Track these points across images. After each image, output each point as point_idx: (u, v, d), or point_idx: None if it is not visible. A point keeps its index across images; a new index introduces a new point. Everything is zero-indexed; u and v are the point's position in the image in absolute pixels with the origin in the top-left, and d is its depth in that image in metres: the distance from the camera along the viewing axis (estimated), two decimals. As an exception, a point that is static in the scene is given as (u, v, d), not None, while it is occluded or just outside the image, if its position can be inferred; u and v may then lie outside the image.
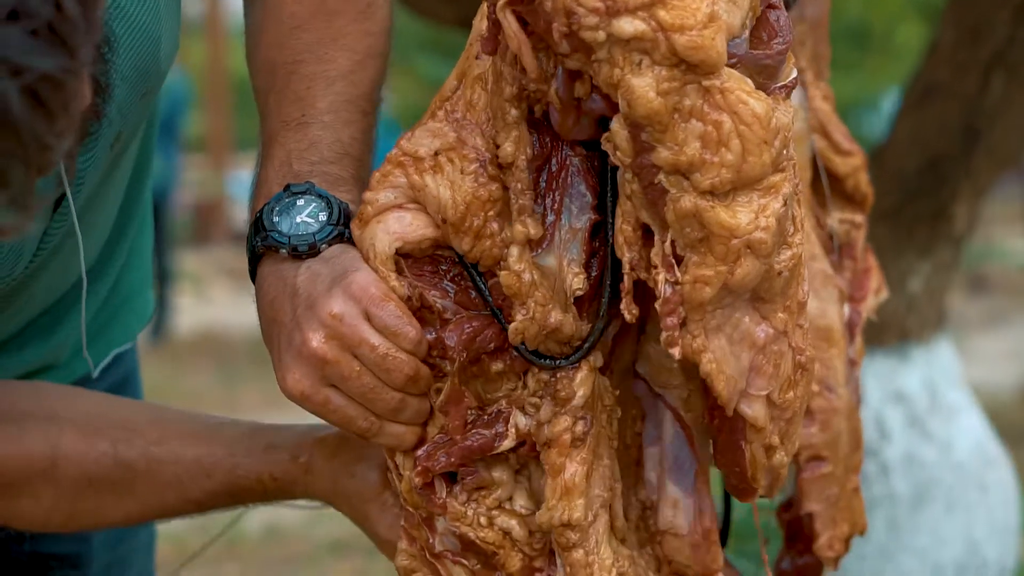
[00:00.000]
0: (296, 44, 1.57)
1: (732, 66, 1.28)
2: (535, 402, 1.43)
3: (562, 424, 1.41)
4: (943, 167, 3.32)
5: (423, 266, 1.42)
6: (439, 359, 1.41)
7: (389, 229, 1.41)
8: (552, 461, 1.41)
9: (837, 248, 1.76)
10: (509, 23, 1.33)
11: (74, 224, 1.56)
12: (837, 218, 1.76)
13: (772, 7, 1.32)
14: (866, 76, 9.37)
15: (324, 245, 1.43)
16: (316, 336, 1.38)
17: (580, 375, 1.41)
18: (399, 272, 1.40)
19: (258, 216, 1.46)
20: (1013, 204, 13.21)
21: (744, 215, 1.28)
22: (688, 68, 1.26)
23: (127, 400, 1.66)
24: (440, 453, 1.41)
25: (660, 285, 1.32)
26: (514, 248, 1.39)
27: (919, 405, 3.34)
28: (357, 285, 1.38)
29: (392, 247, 1.40)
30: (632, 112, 1.27)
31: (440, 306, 1.40)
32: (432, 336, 1.40)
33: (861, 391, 1.76)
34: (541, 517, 1.41)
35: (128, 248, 1.83)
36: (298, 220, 1.44)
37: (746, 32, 1.29)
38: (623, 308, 1.36)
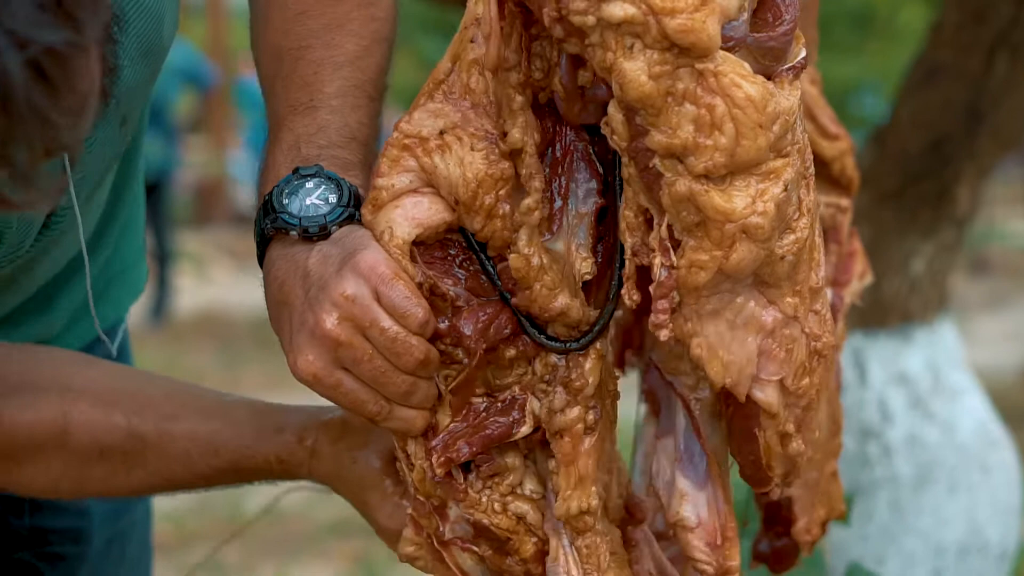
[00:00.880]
0: (302, 30, 1.56)
1: (730, 49, 1.27)
2: (543, 388, 1.43)
3: (575, 414, 1.42)
4: (946, 148, 3.31)
5: (433, 252, 1.41)
6: (452, 347, 1.41)
7: (408, 215, 1.40)
8: (565, 451, 1.42)
9: (822, 232, 1.76)
10: (489, 7, 1.34)
11: (73, 205, 1.55)
12: (823, 202, 1.75)
13: (778, -13, 1.31)
14: (868, 58, 9.36)
15: (335, 227, 1.43)
16: (329, 318, 1.37)
17: (589, 363, 1.42)
18: (412, 260, 1.40)
19: (267, 199, 1.46)
20: (1016, 185, 13.21)
21: (740, 199, 1.28)
22: (680, 51, 1.25)
23: (140, 371, 1.67)
24: (461, 443, 1.41)
25: (656, 269, 1.32)
26: (523, 231, 1.39)
27: (922, 387, 3.34)
28: (366, 263, 1.38)
29: (412, 234, 1.40)
30: (625, 96, 1.27)
31: (452, 293, 1.40)
32: (445, 324, 1.40)
33: (841, 376, 1.75)
34: (559, 508, 1.42)
35: (122, 223, 1.83)
36: (308, 202, 1.44)
37: (745, 15, 1.28)
38: (624, 293, 1.36)
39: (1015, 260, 12.18)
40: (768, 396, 1.35)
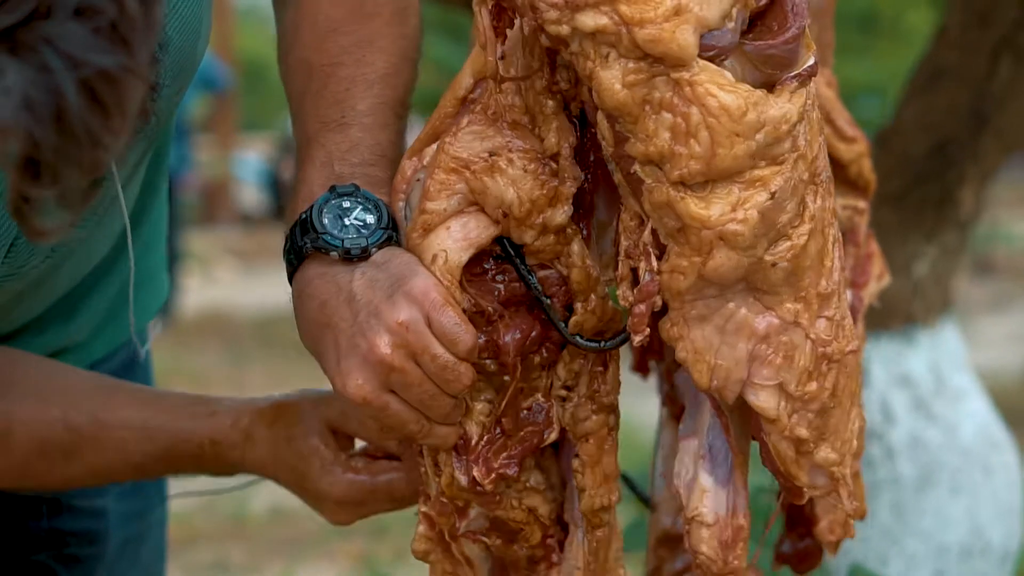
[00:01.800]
0: (333, 47, 1.58)
1: (714, 57, 1.28)
2: (563, 393, 1.48)
3: (600, 420, 1.48)
4: (950, 151, 3.31)
5: (472, 268, 1.44)
6: (486, 360, 1.45)
7: (458, 237, 1.42)
8: (591, 452, 1.48)
9: (840, 237, 1.76)
10: (481, 18, 1.37)
11: (125, 223, 1.57)
12: (840, 204, 1.76)
13: (790, -6, 1.32)
14: (873, 61, 9.35)
15: (375, 249, 1.45)
16: (383, 343, 1.39)
17: (611, 372, 1.48)
18: (460, 285, 1.43)
19: (305, 216, 1.47)
20: (1019, 188, 13.20)
21: (718, 207, 1.29)
22: (655, 60, 1.27)
23: (68, 366, 1.68)
24: (504, 457, 1.46)
25: (641, 273, 1.35)
26: (576, 244, 1.43)
27: (925, 389, 3.34)
28: (419, 290, 1.40)
29: (464, 256, 1.43)
30: (602, 104, 1.30)
31: (491, 309, 1.44)
32: (483, 339, 1.43)
33: (862, 377, 1.76)
34: (584, 504, 1.48)
35: (147, 232, 1.84)
36: (347, 222, 1.46)
37: (731, 23, 1.29)
38: (619, 293, 1.40)
39: (1019, 262, 12.17)
40: (763, 400, 1.37)
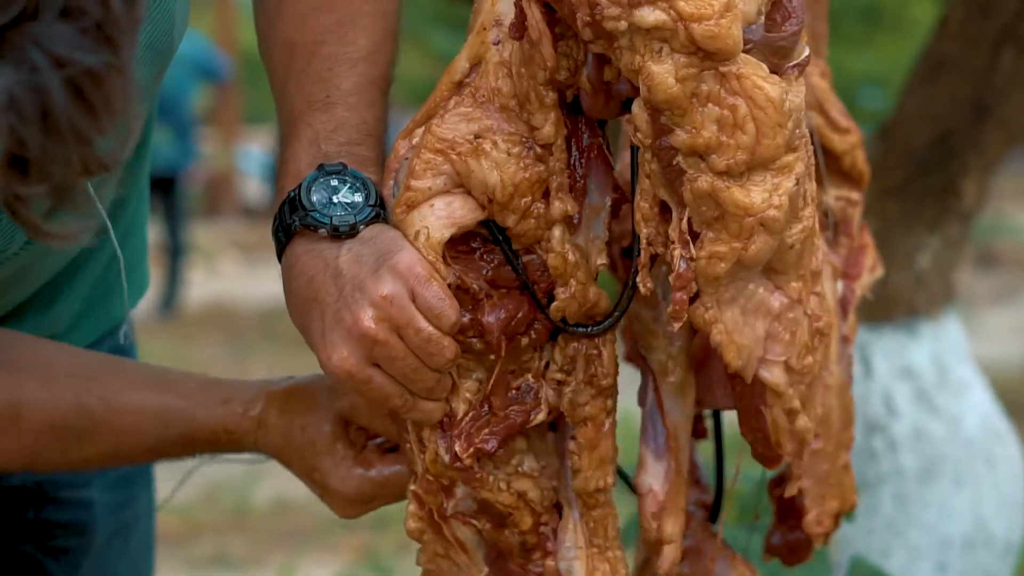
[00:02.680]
0: (316, 25, 1.58)
1: (747, 51, 1.33)
2: (560, 377, 1.50)
3: (599, 405, 1.51)
4: (952, 142, 3.31)
5: (458, 246, 1.46)
6: (472, 339, 1.46)
7: (441, 215, 1.45)
8: (589, 436, 1.50)
9: (832, 225, 1.77)
10: (532, 14, 1.40)
11: (104, 221, 1.57)
12: (833, 195, 1.77)
13: (788, -11, 1.37)
14: (877, 53, 9.35)
15: (363, 226, 1.47)
16: (367, 316, 1.41)
17: (606, 355, 1.50)
18: (444, 261, 1.45)
19: (294, 195, 1.49)
20: (1022, 179, 13.19)
21: (758, 194, 1.35)
22: (706, 55, 1.32)
23: (84, 350, 1.70)
24: (485, 434, 1.47)
25: (675, 260, 1.38)
26: (556, 229, 1.46)
27: (927, 381, 3.34)
28: (403, 264, 1.42)
29: (446, 235, 1.45)
30: (652, 97, 1.34)
31: (476, 287, 1.45)
32: (467, 318, 1.45)
33: (853, 368, 1.76)
34: (577, 484, 1.51)
35: (127, 221, 1.84)
36: (335, 200, 1.47)
37: (761, 18, 1.34)
38: (639, 281, 1.42)
39: (1022, 254, 12.17)
40: (775, 376, 1.42)
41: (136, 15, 1.16)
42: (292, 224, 1.48)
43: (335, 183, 1.49)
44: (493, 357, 1.47)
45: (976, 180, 3.37)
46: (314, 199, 1.48)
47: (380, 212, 1.48)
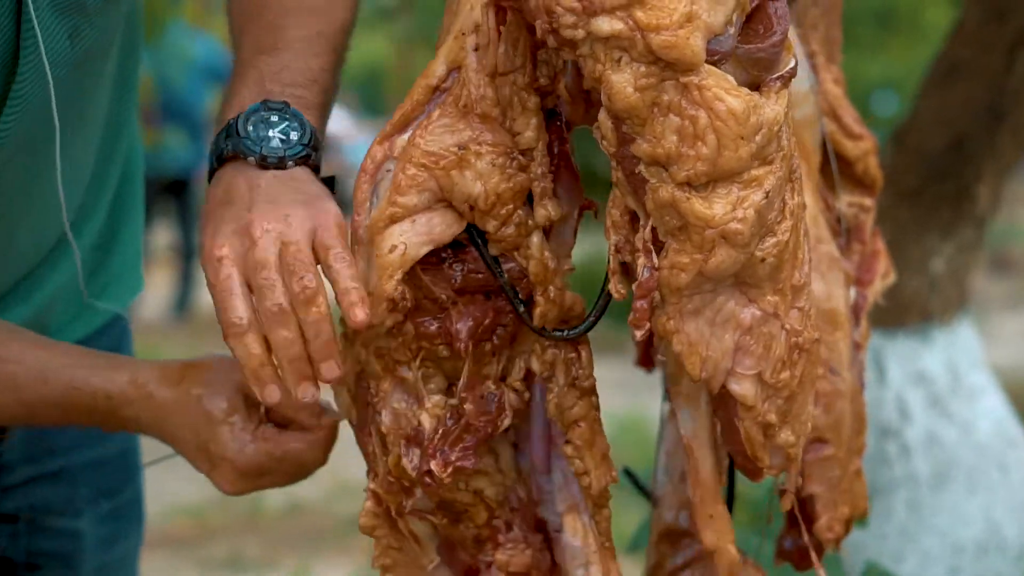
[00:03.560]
0: None
1: (716, 62, 1.32)
2: (519, 387, 1.52)
3: (586, 404, 1.52)
4: (967, 147, 3.30)
5: (428, 257, 1.48)
6: (440, 345, 1.48)
7: (419, 231, 1.47)
8: (585, 436, 1.52)
9: (845, 231, 1.77)
10: (488, 19, 1.42)
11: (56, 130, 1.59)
12: (846, 201, 1.77)
13: (773, -1, 1.36)
14: (891, 57, 9.33)
15: (291, 163, 1.50)
16: (260, 220, 1.44)
17: (584, 357, 1.52)
18: (406, 280, 1.46)
19: (232, 123, 1.52)
20: (1037, 184, 13.16)
21: (720, 206, 1.34)
22: (666, 65, 1.31)
23: None
24: (458, 448, 1.49)
25: (639, 269, 1.38)
26: (535, 236, 1.47)
27: (941, 386, 3.34)
28: (324, 211, 1.46)
29: (423, 250, 1.46)
30: (612, 105, 1.34)
31: (444, 296, 1.47)
32: (435, 327, 1.47)
33: (865, 374, 1.77)
34: (594, 487, 1.52)
35: (111, 199, 1.86)
36: (271, 134, 1.51)
37: (731, 29, 1.33)
38: (611, 287, 1.44)
39: (1037, 259, 12.15)
40: (744, 389, 1.41)
41: None
42: (224, 149, 1.52)
43: (275, 119, 1.52)
44: (454, 362, 1.49)
45: (990, 185, 3.37)
46: (250, 128, 1.51)
47: (311, 154, 1.52)
